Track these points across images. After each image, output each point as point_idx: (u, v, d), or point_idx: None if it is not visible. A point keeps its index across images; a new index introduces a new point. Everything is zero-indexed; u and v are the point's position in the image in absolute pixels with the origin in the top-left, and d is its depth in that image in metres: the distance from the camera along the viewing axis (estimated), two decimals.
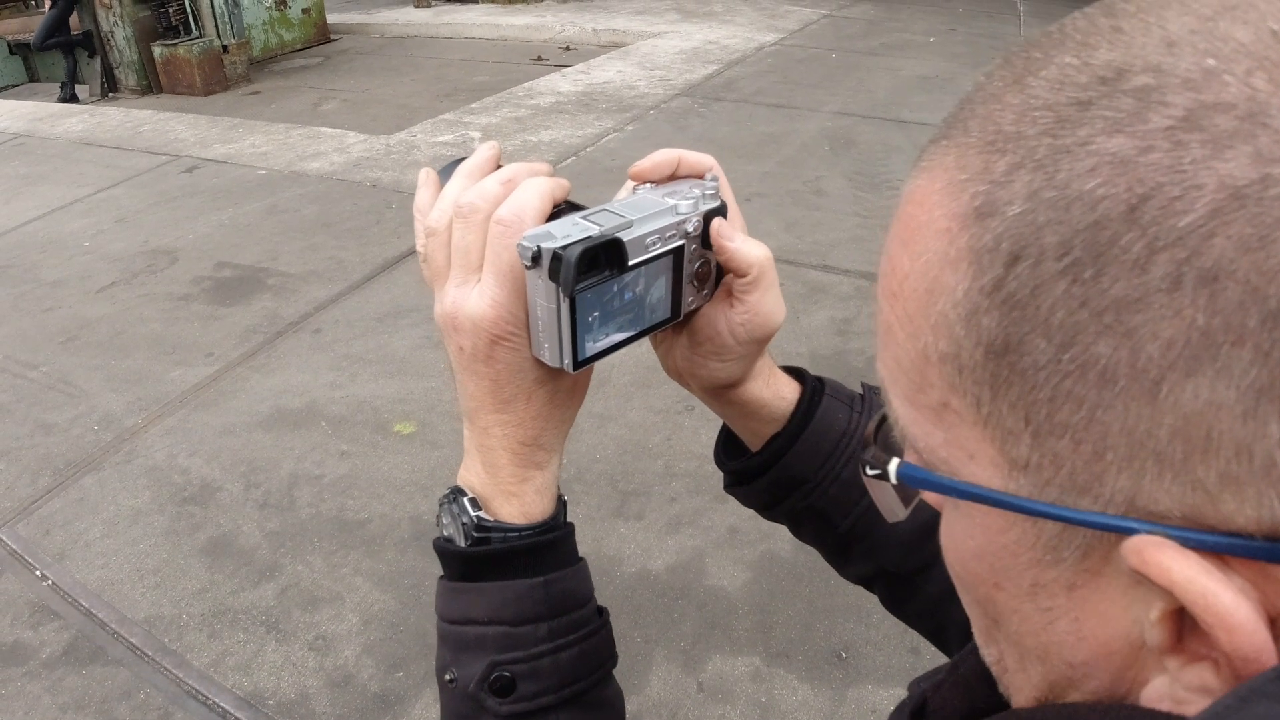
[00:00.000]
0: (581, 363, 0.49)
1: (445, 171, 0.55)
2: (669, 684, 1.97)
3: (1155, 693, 0.28)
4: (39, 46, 8.37)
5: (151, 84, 8.13)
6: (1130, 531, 0.26)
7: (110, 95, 8.36)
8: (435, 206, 0.52)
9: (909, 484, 0.34)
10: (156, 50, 7.95)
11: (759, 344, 0.56)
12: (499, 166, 0.54)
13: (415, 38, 9.48)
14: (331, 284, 3.68)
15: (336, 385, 2.98)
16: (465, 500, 0.53)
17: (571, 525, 0.56)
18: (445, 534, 0.54)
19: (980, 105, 0.30)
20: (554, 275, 0.44)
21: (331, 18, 9.72)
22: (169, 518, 2.48)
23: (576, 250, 0.44)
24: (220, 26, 7.97)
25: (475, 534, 0.52)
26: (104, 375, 3.20)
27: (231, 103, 7.26)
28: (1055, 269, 0.25)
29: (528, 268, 0.45)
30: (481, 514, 0.52)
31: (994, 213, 0.27)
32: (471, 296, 0.49)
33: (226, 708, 1.96)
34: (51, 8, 8.09)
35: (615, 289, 0.48)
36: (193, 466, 2.66)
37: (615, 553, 2.28)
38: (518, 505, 0.53)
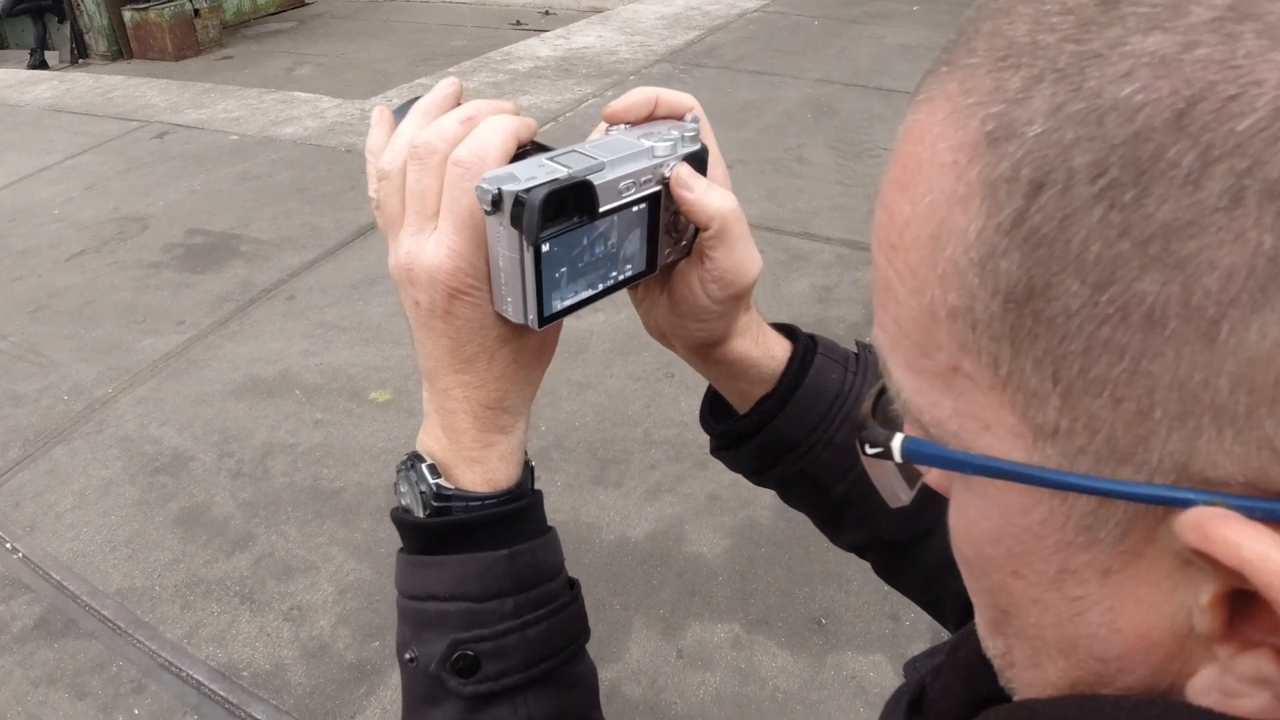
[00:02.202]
0: (547, 319, 0.45)
1: (401, 111, 0.50)
2: (648, 651, 1.96)
3: (1202, 684, 0.24)
4: (7, 12, 8.18)
5: (122, 49, 7.96)
6: (1185, 504, 0.22)
7: (80, 61, 8.18)
8: (388, 147, 0.48)
9: (915, 461, 0.30)
10: (127, 15, 7.78)
11: (735, 300, 0.52)
12: (459, 105, 0.49)
13: (392, 2, 9.31)
14: (305, 250, 3.61)
15: (310, 353, 2.93)
16: (424, 467, 0.49)
17: (539, 493, 0.53)
18: (403, 504, 0.50)
19: (985, 22, 0.25)
20: (516, 221, 0.40)
21: None
22: (140, 488, 2.44)
23: (541, 193, 0.40)
24: None
25: (435, 503, 0.48)
26: (74, 345, 3.14)
27: (204, 68, 7.11)
28: (1088, 194, 0.21)
29: (488, 213, 0.41)
30: (441, 481, 0.49)
31: (1010, 136, 0.23)
32: (428, 246, 0.45)
33: (200, 679, 1.93)
34: None
35: (584, 239, 0.44)
36: (164, 436, 2.61)
37: (594, 520, 2.26)
38: (480, 472, 0.49)
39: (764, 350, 0.56)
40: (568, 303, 0.46)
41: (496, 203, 0.40)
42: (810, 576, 2.15)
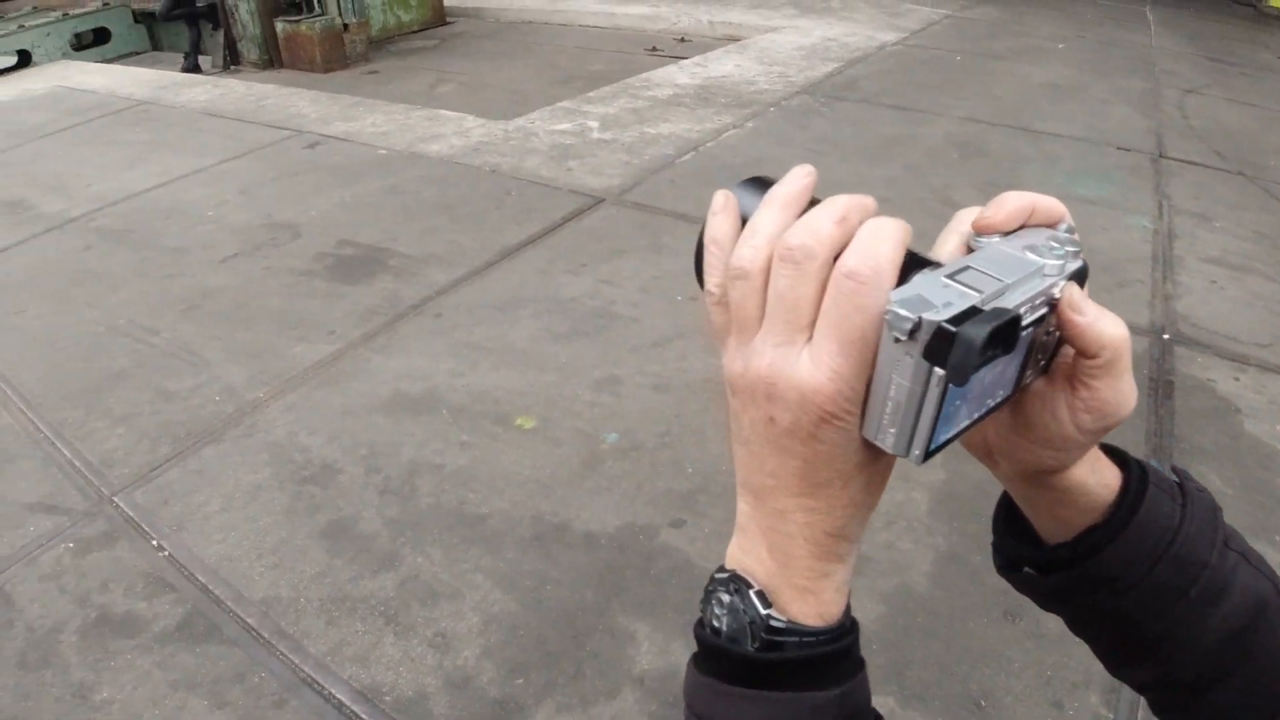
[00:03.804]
0: (931, 453, 0.40)
1: (744, 193, 0.46)
2: None
3: None
4: (165, 16, 8.65)
5: (273, 59, 8.31)
6: None
7: (232, 68, 8.59)
8: (744, 241, 0.43)
9: None
10: (279, 26, 8.12)
11: (1104, 433, 0.47)
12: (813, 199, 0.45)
13: (530, 23, 9.49)
14: (451, 269, 3.64)
15: (457, 373, 2.93)
16: (752, 594, 0.45)
17: (858, 624, 0.48)
18: (718, 625, 0.46)
19: None
20: (934, 355, 0.36)
21: (448, 1, 9.80)
22: (289, 496, 2.46)
23: (984, 331, 0.35)
24: (342, 5, 8.10)
25: (765, 635, 0.44)
26: (225, 346, 3.22)
27: (350, 81, 7.36)
28: None
29: (897, 340, 0.37)
30: (773, 613, 0.45)
31: None
32: (801, 363, 0.40)
33: (342, 699, 1.91)
34: None
35: (987, 372, 0.40)
36: (313, 446, 2.64)
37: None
38: (814, 604, 0.45)
39: (1099, 478, 0.51)
40: (949, 435, 0.41)
41: (914, 332, 0.36)
42: (969, 653, 2.02)
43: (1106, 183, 4.56)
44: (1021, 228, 0.45)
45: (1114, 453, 0.54)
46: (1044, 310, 0.41)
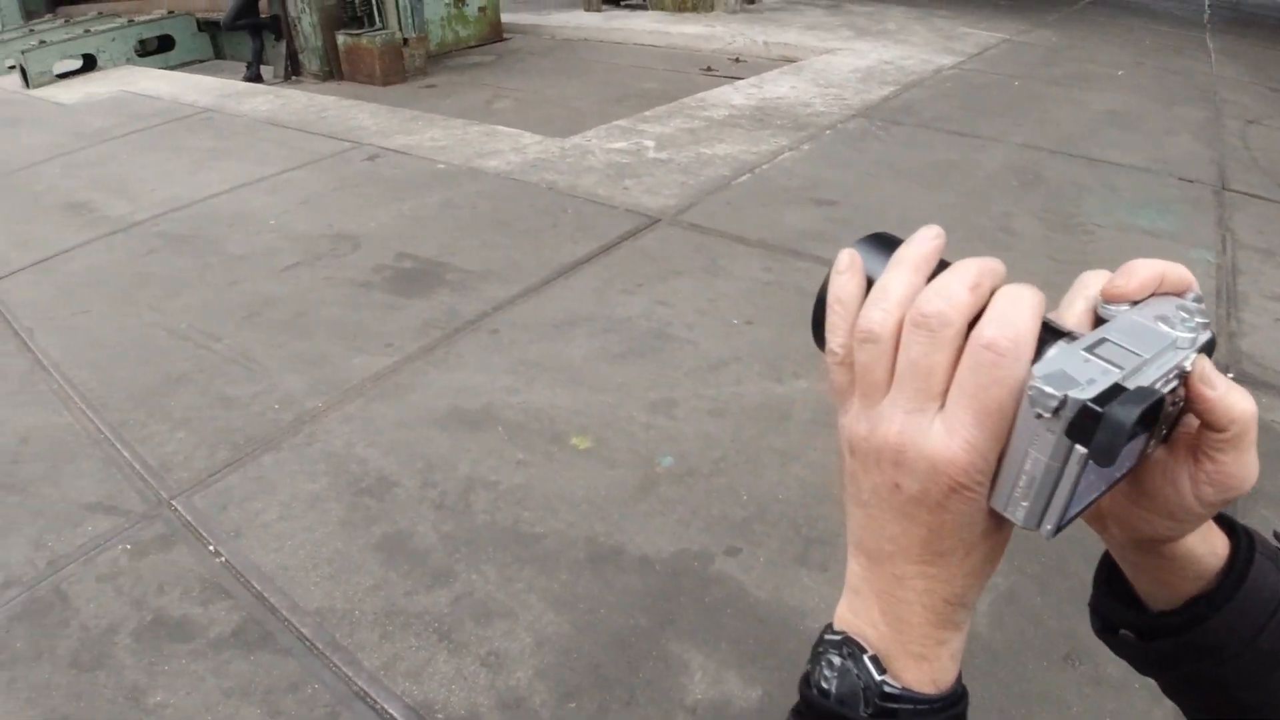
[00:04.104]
0: (1062, 527, 0.40)
1: (868, 252, 0.46)
2: None
3: None
4: (229, 26, 8.86)
5: (333, 70, 8.47)
6: None
7: (293, 78, 8.76)
8: (874, 303, 0.43)
9: None
10: (340, 38, 8.28)
11: (1224, 505, 0.46)
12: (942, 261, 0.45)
13: (585, 41, 9.57)
14: (508, 284, 3.66)
15: (513, 390, 2.94)
16: (867, 659, 0.45)
17: (967, 691, 0.48)
18: (827, 687, 0.46)
19: None
20: (1078, 434, 0.36)
21: (505, 17, 9.93)
22: (345, 507, 2.47)
23: (1133, 414, 0.35)
24: (402, 20, 8.23)
25: (879, 702, 0.44)
26: (285, 354, 3.27)
27: (409, 94, 7.46)
28: None
29: (1038, 416, 0.37)
30: (887, 679, 0.45)
31: None
32: (934, 432, 0.40)
33: (395, 715, 1.91)
34: None
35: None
36: (370, 458, 2.66)
37: (798, 604, 2.14)
38: (928, 671, 0.45)
39: (1209, 546, 0.51)
40: (1079, 509, 0.41)
41: (1057, 410, 0.36)
42: (1027, 696, 1.97)
43: (1168, 215, 4.47)
44: (1150, 295, 0.45)
45: (1221, 519, 0.54)
46: (1175, 383, 0.41)
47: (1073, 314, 0.44)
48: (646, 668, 2.00)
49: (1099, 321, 0.43)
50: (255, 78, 8.62)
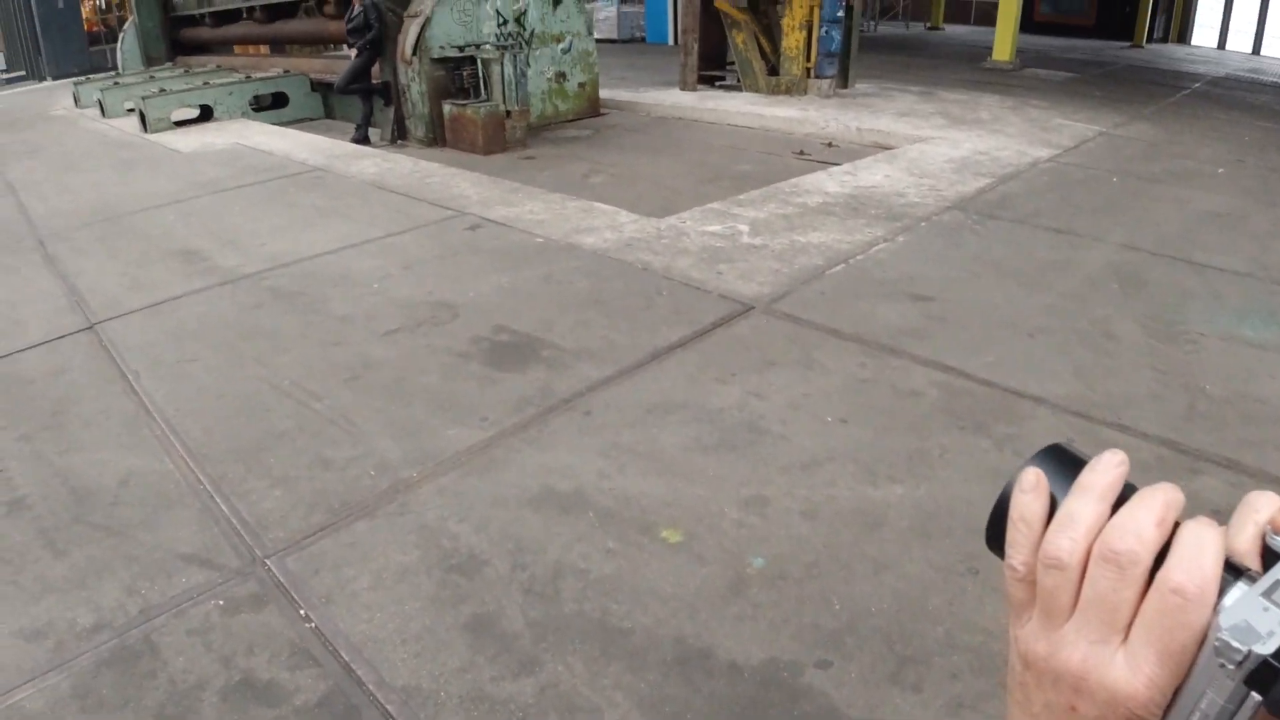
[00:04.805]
0: None
1: (1049, 468, 0.47)
2: None
3: None
4: (342, 90, 9.32)
5: (436, 137, 8.81)
6: None
7: (399, 142, 9.14)
8: (1061, 530, 0.44)
9: None
10: (446, 107, 8.63)
11: None
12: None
13: (680, 120, 9.78)
14: (603, 365, 3.71)
15: (605, 475, 2.95)
16: None
17: None
18: None
19: None
20: (1257, 684, 0.38)
21: (602, 93, 10.22)
22: (435, 583, 2.49)
23: None
24: (506, 93, 8.55)
25: None
26: (383, 420, 3.34)
27: (509, 164, 7.71)
28: None
29: (1223, 667, 0.39)
30: None
31: None
32: (1116, 665, 0.42)
33: None
34: (358, 56, 9.02)
35: None
36: (462, 533, 2.68)
37: None
38: None
39: None
40: None
41: (1241, 662, 0.38)
42: None
43: (1273, 325, 4.32)
44: None
45: None
46: None
47: (1243, 538, 0.44)
48: None
49: (1268, 551, 0.44)
50: (363, 139, 9.02)
